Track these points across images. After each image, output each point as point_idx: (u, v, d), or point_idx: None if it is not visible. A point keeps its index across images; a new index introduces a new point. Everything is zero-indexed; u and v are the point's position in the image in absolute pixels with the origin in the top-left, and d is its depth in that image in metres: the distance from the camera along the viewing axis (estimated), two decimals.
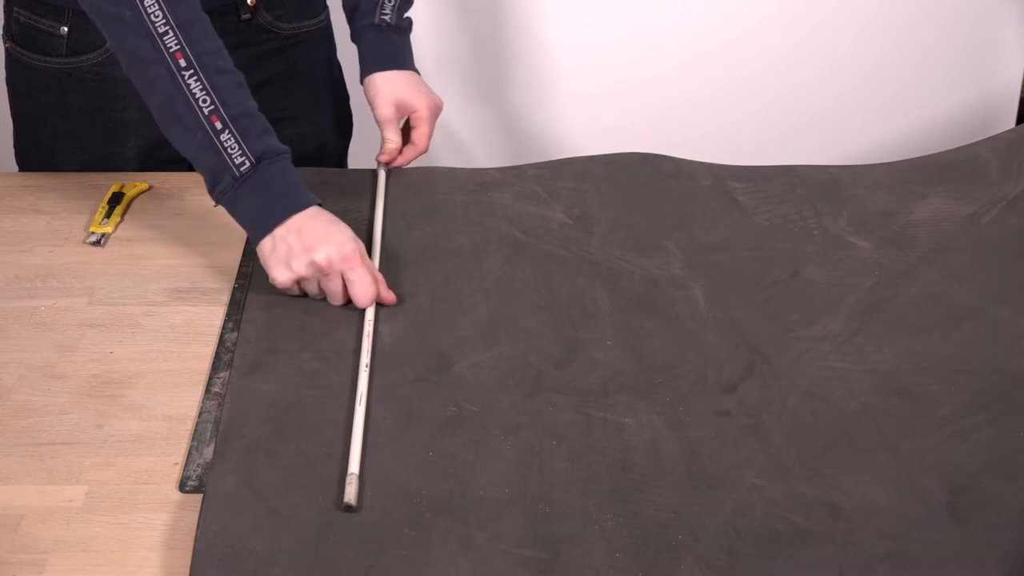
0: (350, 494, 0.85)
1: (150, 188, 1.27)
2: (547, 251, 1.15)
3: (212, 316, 1.07)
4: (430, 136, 1.32)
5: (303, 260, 1.04)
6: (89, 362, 1.01)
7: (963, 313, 1.06)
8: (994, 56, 2.14)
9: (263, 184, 1.06)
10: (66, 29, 1.24)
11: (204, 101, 1.04)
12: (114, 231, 1.19)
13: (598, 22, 2.06)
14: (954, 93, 2.17)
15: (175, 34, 1.04)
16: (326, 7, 1.41)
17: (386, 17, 1.33)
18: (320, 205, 1.08)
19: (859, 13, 2.07)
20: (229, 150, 1.05)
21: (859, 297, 1.08)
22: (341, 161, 1.49)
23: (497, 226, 1.19)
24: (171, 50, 1.04)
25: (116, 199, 1.23)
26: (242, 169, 1.05)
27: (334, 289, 1.05)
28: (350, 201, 1.22)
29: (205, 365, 1.01)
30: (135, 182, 1.27)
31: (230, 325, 1.06)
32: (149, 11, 1.04)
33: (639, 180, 1.27)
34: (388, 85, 1.31)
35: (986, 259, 1.14)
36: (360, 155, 1.48)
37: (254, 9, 1.29)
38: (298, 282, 1.06)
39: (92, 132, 1.29)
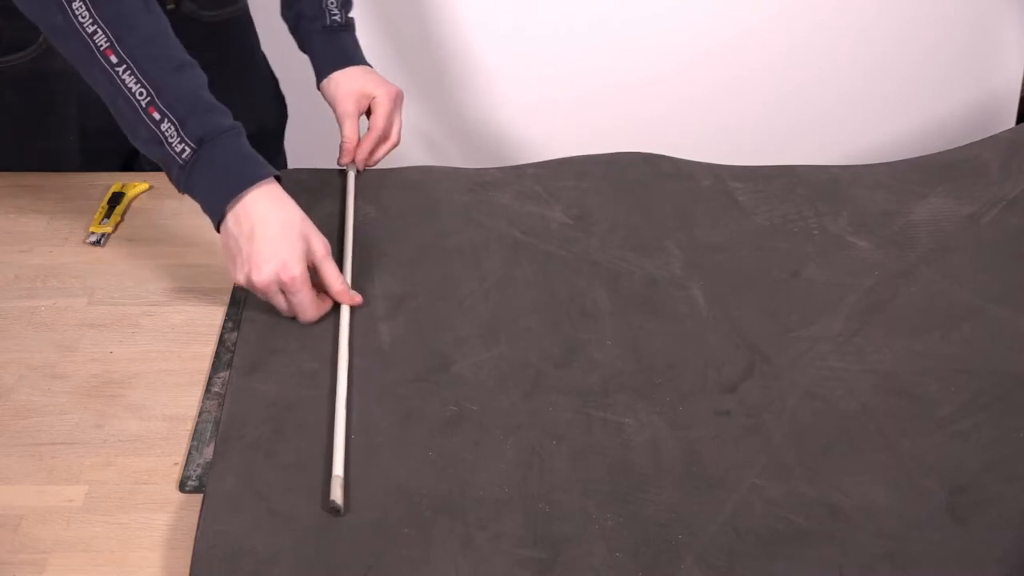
0: (336, 496, 0.85)
1: (150, 188, 1.27)
2: (547, 251, 1.15)
3: (212, 316, 1.07)
4: (398, 126, 1.33)
5: (244, 272, 1.02)
6: (89, 362, 1.01)
7: (963, 313, 1.06)
8: (994, 56, 2.14)
9: (209, 166, 1.02)
10: None
11: (140, 94, 1.02)
12: (114, 231, 1.20)
13: (598, 22, 2.06)
14: (954, 93, 2.17)
15: (103, 31, 1.02)
16: None
17: (336, 18, 1.34)
18: (277, 178, 1.05)
19: (859, 13, 2.07)
20: (170, 139, 1.02)
21: (859, 297, 1.08)
22: (280, 145, 1.50)
23: (497, 226, 1.19)
24: (101, 48, 1.02)
25: (116, 199, 1.23)
26: (183, 156, 1.02)
27: (278, 304, 1.04)
28: (339, 203, 1.23)
29: (205, 365, 1.01)
30: (135, 182, 1.27)
31: (230, 325, 1.06)
32: (76, 12, 1.02)
33: (639, 180, 1.27)
34: (346, 81, 1.32)
35: (986, 259, 1.14)
36: (321, 150, 1.47)
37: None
38: None
39: (31, 130, 1.28)
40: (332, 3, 1.34)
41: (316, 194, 1.23)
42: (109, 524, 0.85)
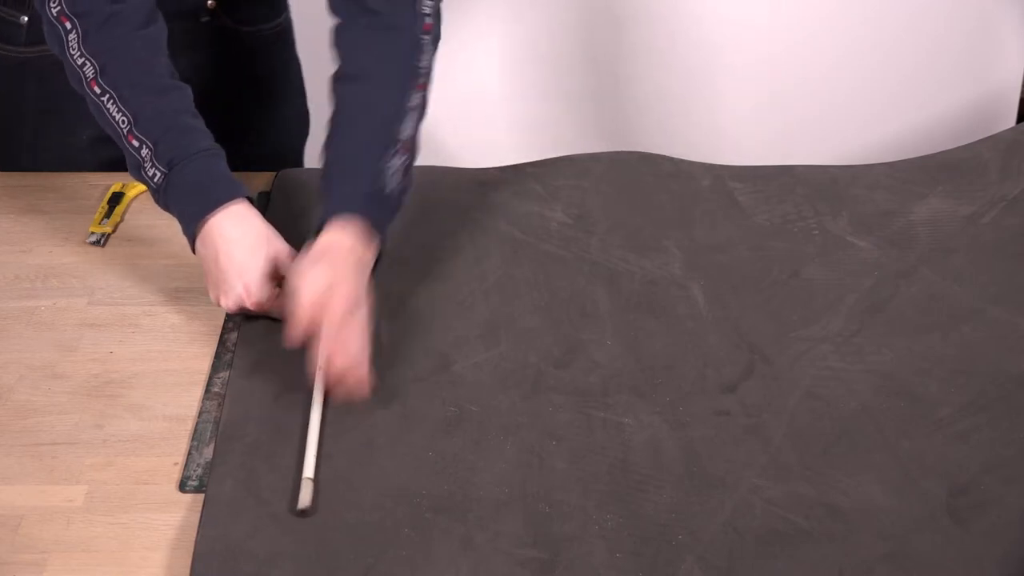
0: (304, 499, 0.85)
1: None
2: (547, 251, 1.15)
3: (212, 316, 1.07)
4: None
5: (214, 295, 1.03)
6: (89, 362, 1.01)
7: (963, 314, 1.06)
8: (994, 56, 2.14)
9: (178, 189, 1.03)
10: (26, 19, 1.23)
11: (122, 122, 1.03)
12: (114, 231, 1.19)
13: (598, 22, 2.06)
14: (954, 93, 2.17)
15: (90, 62, 1.03)
16: (286, 7, 1.39)
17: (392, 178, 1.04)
18: (249, 198, 1.04)
19: (859, 13, 2.07)
20: (145, 164, 1.03)
21: (859, 297, 1.08)
22: (299, 158, 1.48)
23: (497, 226, 1.19)
24: (88, 78, 1.03)
25: (116, 199, 1.23)
26: (155, 180, 1.03)
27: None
28: None
29: (205, 365, 1.01)
30: (135, 182, 1.26)
31: (230, 325, 1.06)
32: (70, 42, 1.03)
33: (639, 179, 1.27)
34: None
35: (986, 260, 1.14)
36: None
37: (213, 12, 1.28)
38: None
39: (47, 124, 1.28)
40: (394, 167, 1.04)
41: (315, 194, 1.23)
42: (109, 524, 0.85)
